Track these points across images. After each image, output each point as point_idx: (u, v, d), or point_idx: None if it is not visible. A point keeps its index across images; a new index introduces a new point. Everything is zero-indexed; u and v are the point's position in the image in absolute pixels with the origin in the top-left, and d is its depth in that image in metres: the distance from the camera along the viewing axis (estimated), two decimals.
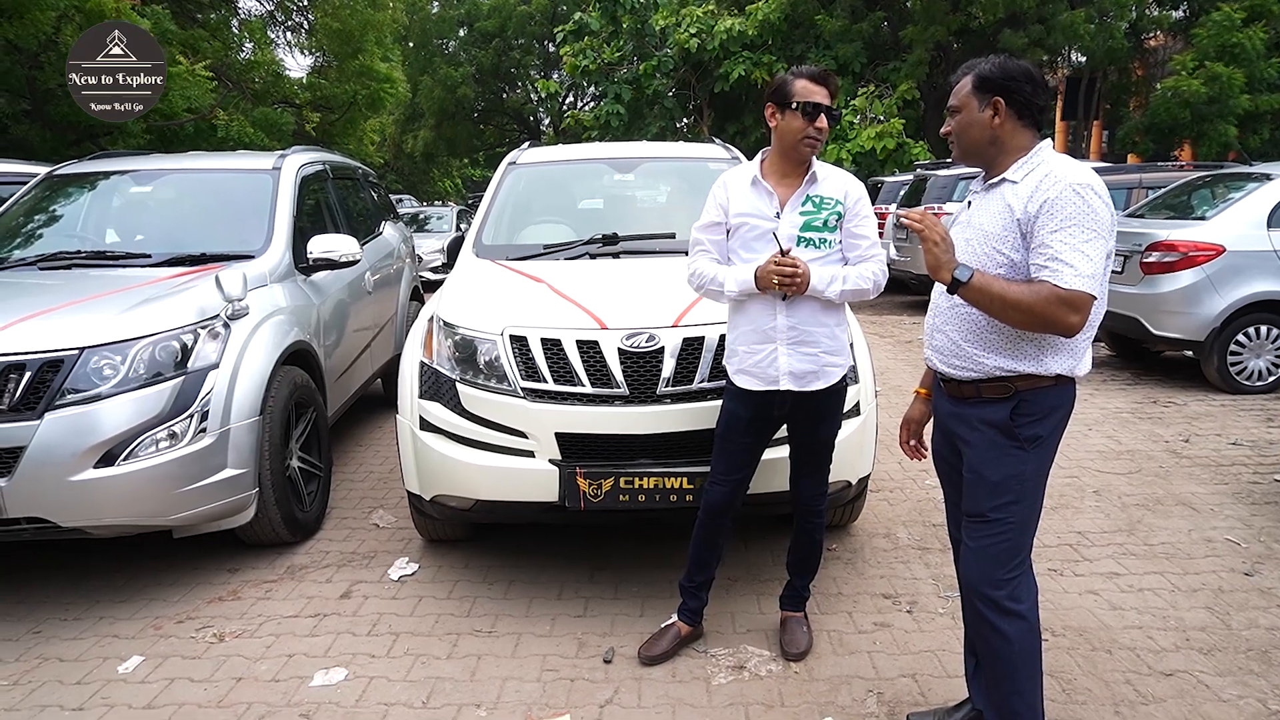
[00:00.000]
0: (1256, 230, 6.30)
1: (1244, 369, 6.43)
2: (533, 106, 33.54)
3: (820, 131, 2.64)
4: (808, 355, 2.70)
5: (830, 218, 2.68)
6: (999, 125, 2.12)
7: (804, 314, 2.68)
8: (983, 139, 2.15)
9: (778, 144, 2.72)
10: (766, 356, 2.71)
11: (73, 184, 4.94)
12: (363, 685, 2.86)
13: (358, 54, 16.91)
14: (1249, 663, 2.87)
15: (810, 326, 2.69)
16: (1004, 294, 1.99)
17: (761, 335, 2.70)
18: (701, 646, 3.04)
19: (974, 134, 2.15)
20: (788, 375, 2.70)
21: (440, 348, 3.39)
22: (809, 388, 2.72)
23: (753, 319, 2.72)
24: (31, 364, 3.15)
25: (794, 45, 17.79)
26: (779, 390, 2.71)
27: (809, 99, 2.61)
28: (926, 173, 11.73)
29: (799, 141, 2.65)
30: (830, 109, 2.64)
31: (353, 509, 4.44)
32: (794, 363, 2.69)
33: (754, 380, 2.74)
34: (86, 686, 2.87)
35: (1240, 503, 4.29)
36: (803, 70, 2.68)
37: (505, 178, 4.83)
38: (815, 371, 2.72)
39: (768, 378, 2.72)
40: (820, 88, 2.63)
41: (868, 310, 11.44)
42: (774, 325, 2.68)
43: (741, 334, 2.76)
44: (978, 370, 2.15)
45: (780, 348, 2.69)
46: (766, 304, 2.68)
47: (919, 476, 4.68)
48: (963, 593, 2.30)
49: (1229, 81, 15.29)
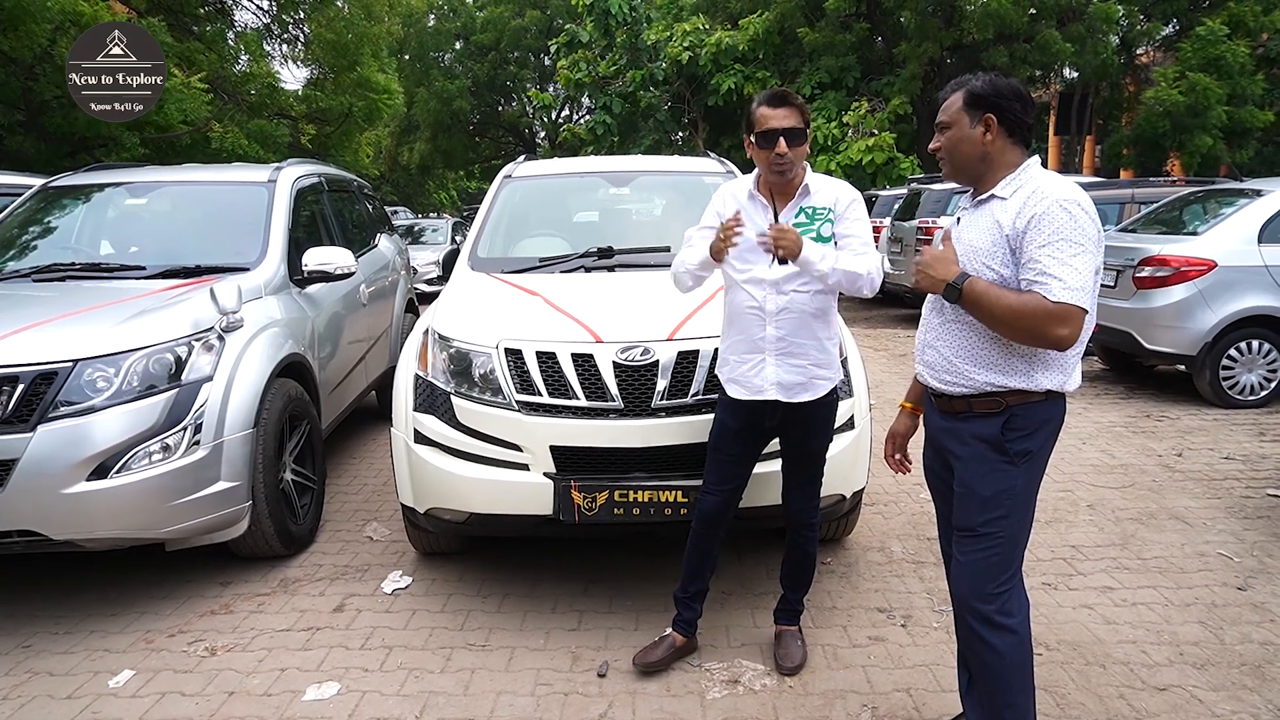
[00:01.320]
0: (1248, 245, 6.34)
1: (1236, 383, 6.45)
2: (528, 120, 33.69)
3: (782, 156, 2.63)
4: (796, 367, 2.71)
5: (823, 227, 2.69)
6: (990, 142, 2.14)
7: (793, 325, 2.69)
8: (974, 155, 2.16)
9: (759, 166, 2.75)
10: (754, 366, 2.73)
11: (67, 196, 4.94)
12: (355, 699, 2.84)
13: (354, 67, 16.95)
14: (1242, 678, 2.88)
15: (799, 339, 2.70)
16: (997, 300, 2.02)
17: (751, 345, 2.73)
18: (695, 660, 3.04)
19: (965, 150, 2.17)
20: (775, 386, 2.71)
21: (435, 360, 3.39)
22: (796, 399, 2.73)
23: (743, 329, 2.74)
24: (25, 376, 3.15)
25: (787, 60, 17.89)
26: (767, 401, 2.72)
27: (764, 127, 2.63)
28: (921, 187, 11.78)
29: (767, 169, 2.68)
30: (790, 129, 2.62)
31: (346, 522, 4.43)
32: (782, 374, 2.71)
33: (742, 390, 2.76)
34: (77, 701, 2.85)
35: (1233, 517, 4.30)
36: (763, 96, 2.68)
37: (501, 191, 4.84)
38: (803, 383, 2.73)
39: (754, 388, 2.73)
40: (776, 110, 2.63)
41: (862, 324, 11.47)
42: (763, 336, 2.70)
43: (732, 343, 2.79)
44: (969, 385, 2.16)
45: (768, 358, 2.71)
46: (756, 315, 2.70)
47: (913, 490, 4.69)
48: (954, 607, 2.31)
49: (1205, 92, 15.44)
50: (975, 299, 2.05)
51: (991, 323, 2.06)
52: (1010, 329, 2.03)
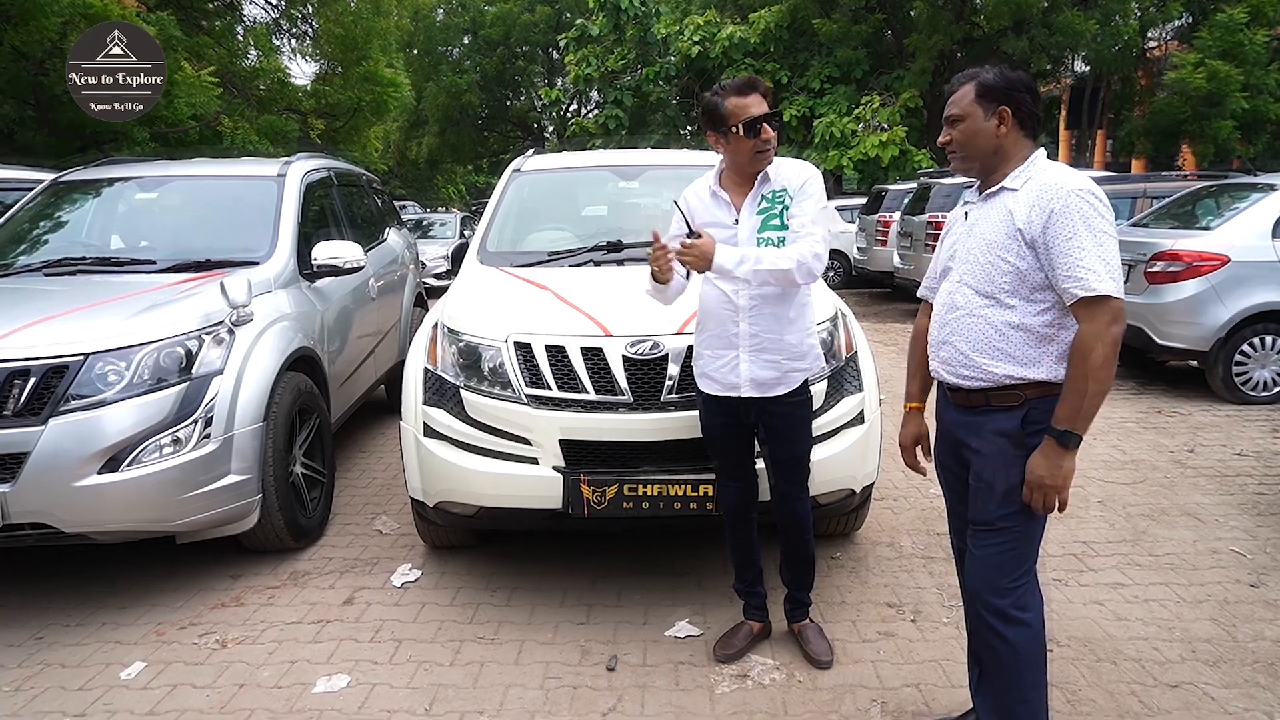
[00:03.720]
0: (1261, 240, 6.29)
1: (1249, 379, 6.41)
2: (537, 114, 33.62)
3: (767, 142, 2.60)
4: (770, 362, 2.70)
5: (784, 210, 2.66)
6: (1004, 134, 2.12)
7: (766, 321, 2.67)
8: (988, 148, 2.14)
9: (731, 162, 2.71)
10: (729, 363, 2.71)
11: (78, 190, 4.95)
12: (365, 692, 2.85)
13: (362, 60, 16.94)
14: (1255, 675, 2.86)
15: (772, 334, 2.68)
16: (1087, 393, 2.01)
17: (725, 341, 2.71)
18: (704, 655, 3.03)
19: (979, 143, 2.15)
20: (749, 383, 2.70)
21: (444, 354, 3.39)
22: (771, 394, 2.71)
23: (716, 323, 2.72)
24: (36, 369, 3.16)
25: (797, 53, 17.82)
26: (742, 398, 2.71)
27: (744, 117, 2.58)
28: (930, 181, 11.74)
29: (751, 159, 2.64)
30: (769, 115, 2.59)
31: (356, 515, 4.44)
32: (755, 370, 2.69)
33: (716, 385, 2.75)
34: (89, 692, 2.87)
35: (1246, 513, 4.27)
36: (728, 87, 2.63)
37: (510, 184, 4.84)
38: (778, 378, 2.72)
39: (729, 384, 2.72)
40: (749, 97, 2.59)
41: (871, 319, 11.44)
42: (736, 332, 2.69)
43: (706, 338, 2.77)
44: (987, 380, 2.15)
45: (742, 354, 2.69)
46: (729, 310, 2.68)
47: (922, 485, 4.67)
48: (966, 601, 2.30)
49: (1226, 78, 15.33)
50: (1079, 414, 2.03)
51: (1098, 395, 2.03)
52: (1102, 381, 2.02)
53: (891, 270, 12.39)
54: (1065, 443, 2.04)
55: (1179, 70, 16.02)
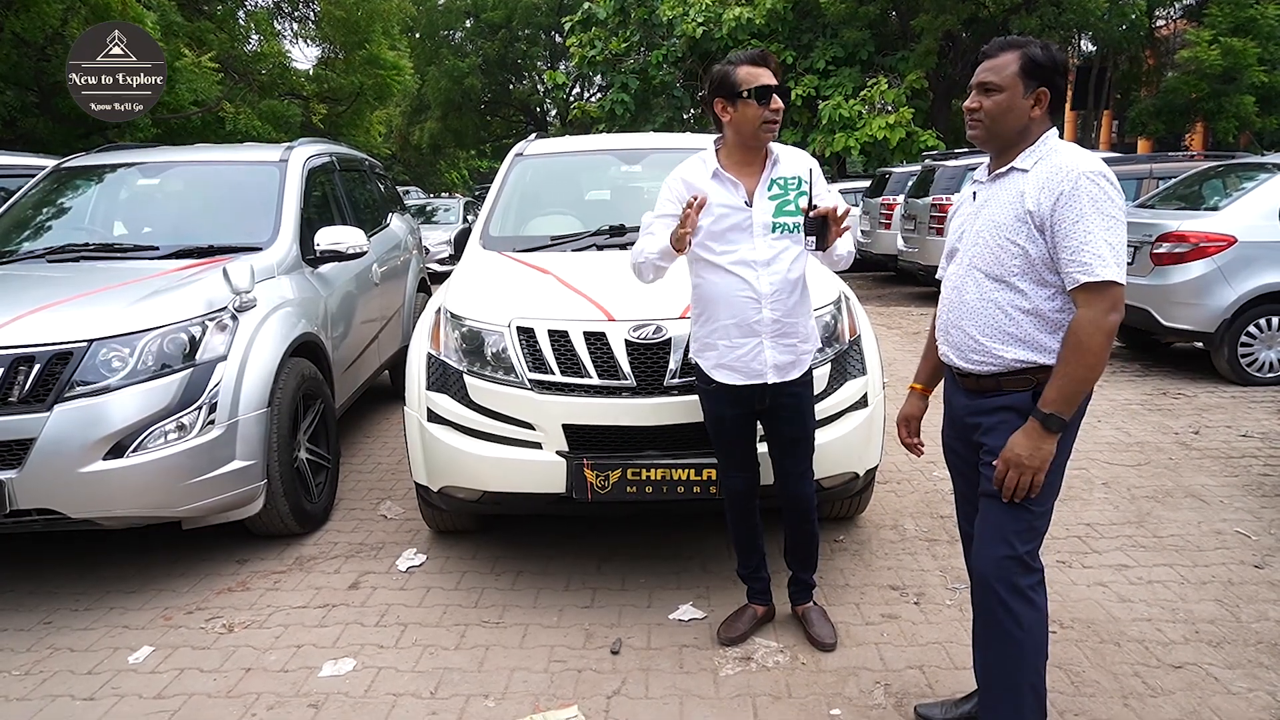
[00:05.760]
0: (1269, 221, 6.25)
1: (1255, 360, 6.38)
2: (539, 98, 33.49)
3: (776, 112, 2.59)
4: (789, 346, 2.70)
5: (800, 199, 2.64)
6: (1036, 117, 2.08)
7: (788, 306, 2.67)
8: (1016, 126, 2.09)
9: (735, 136, 2.66)
10: (751, 350, 2.68)
11: (80, 177, 4.95)
12: (371, 675, 2.87)
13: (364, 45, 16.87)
14: (1259, 655, 2.86)
15: (792, 317, 2.69)
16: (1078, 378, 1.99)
17: (745, 330, 2.67)
18: (709, 638, 3.05)
19: (1010, 121, 2.08)
20: (773, 369, 2.69)
21: (447, 339, 3.39)
22: (789, 377, 2.72)
23: (735, 312, 2.66)
24: (41, 356, 3.17)
25: (802, 34, 17.68)
26: (765, 384, 2.70)
27: (757, 83, 2.56)
28: (935, 163, 11.67)
29: (758, 128, 2.61)
30: (779, 87, 2.59)
31: (360, 500, 4.46)
32: (777, 355, 2.69)
33: (737, 375, 2.71)
34: (97, 676, 2.89)
35: (1250, 495, 4.27)
36: (740, 57, 2.62)
37: (512, 169, 4.82)
38: (794, 361, 2.73)
39: (752, 372, 2.70)
40: (762, 69, 2.58)
41: (875, 302, 11.41)
42: (759, 319, 2.65)
43: (721, 327, 2.70)
44: (998, 364, 2.13)
45: (766, 341, 2.67)
46: (750, 299, 2.64)
47: (926, 468, 4.67)
48: (973, 581, 2.29)
49: (1243, 52, 15.18)
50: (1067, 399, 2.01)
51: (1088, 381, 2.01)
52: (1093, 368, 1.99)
53: (895, 254, 12.34)
54: (1049, 426, 2.02)
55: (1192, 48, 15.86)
